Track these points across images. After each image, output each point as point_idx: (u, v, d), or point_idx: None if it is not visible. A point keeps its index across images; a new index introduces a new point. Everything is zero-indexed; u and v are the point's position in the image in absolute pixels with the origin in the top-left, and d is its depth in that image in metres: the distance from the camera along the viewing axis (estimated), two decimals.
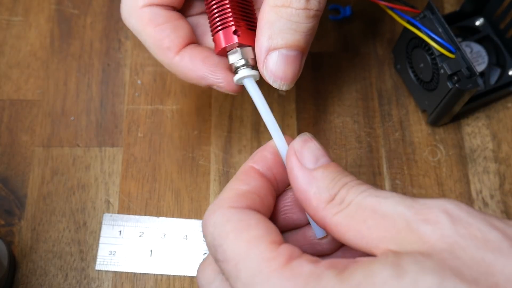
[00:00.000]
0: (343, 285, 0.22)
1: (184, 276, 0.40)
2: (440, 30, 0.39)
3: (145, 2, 0.32)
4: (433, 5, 0.39)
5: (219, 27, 0.32)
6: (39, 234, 0.41)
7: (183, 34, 0.32)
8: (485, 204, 0.42)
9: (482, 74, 0.44)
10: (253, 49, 0.32)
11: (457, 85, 0.38)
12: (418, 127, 0.45)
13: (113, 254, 0.40)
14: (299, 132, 0.44)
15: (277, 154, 0.29)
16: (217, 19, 0.32)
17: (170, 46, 0.32)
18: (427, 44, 0.40)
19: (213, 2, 0.32)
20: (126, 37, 0.47)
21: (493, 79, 0.45)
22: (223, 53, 0.32)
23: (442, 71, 0.39)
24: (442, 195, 0.43)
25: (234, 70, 0.32)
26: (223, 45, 0.31)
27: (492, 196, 0.42)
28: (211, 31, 0.33)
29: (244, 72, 0.31)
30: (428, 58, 0.40)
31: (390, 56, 0.47)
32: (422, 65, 0.42)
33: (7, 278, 0.38)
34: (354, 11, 0.48)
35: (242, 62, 0.31)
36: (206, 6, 0.33)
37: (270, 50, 0.30)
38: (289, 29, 0.29)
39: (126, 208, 0.42)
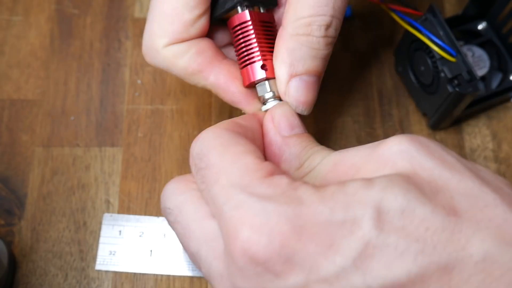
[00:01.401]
0: (317, 194, 0.24)
1: (184, 276, 0.40)
2: (441, 33, 0.39)
3: (165, 42, 0.32)
4: (435, 8, 0.39)
5: (247, 62, 0.32)
6: (39, 234, 0.41)
7: (210, 54, 0.33)
8: None
9: (483, 78, 0.44)
10: None
11: (457, 89, 0.38)
12: (418, 127, 0.45)
13: (113, 254, 0.40)
14: None
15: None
16: (244, 53, 0.32)
17: (200, 69, 0.33)
18: (428, 47, 0.39)
19: (240, 35, 0.33)
20: (126, 37, 0.47)
21: (495, 83, 0.44)
22: (252, 85, 0.33)
23: (442, 74, 0.39)
24: None
25: (262, 101, 0.33)
26: (251, 80, 0.33)
27: None
28: (238, 63, 0.33)
29: (272, 104, 0.32)
30: (429, 61, 0.40)
31: (391, 56, 0.47)
32: (423, 68, 0.42)
33: (7, 278, 0.38)
34: (354, 11, 0.48)
35: (271, 94, 0.33)
36: (232, 38, 0.33)
37: (291, 77, 0.31)
38: (309, 56, 0.31)
39: (126, 208, 0.42)
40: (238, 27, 0.33)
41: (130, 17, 0.48)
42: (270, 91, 0.32)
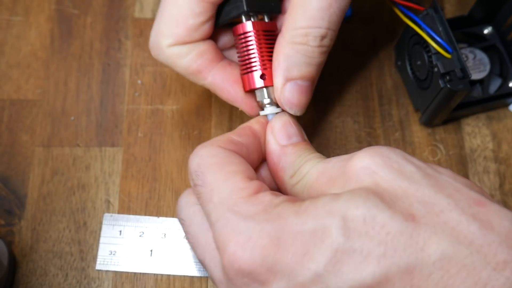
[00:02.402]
0: (293, 209, 0.27)
1: (184, 276, 0.40)
2: (440, 29, 0.39)
3: (169, 42, 0.34)
4: (438, 4, 0.39)
5: (247, 70, 0.34)
6: (39, 234, 0.41)
7: (209, 57, 0.35)
8: None
9: (481, 81, 0.44)
10: None
11: (448, 85, 0.39)
12: (418, 127, 0.45)
13: (114, 254, 0.40)
14: None
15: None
16: (246, 61, 0.34)
17: (199, 69, 0.35)
18: (425, 41, 0.40)
19: (242, 44, 0.34)
20: (126, 37, 0.47)
21: (493, 88, 0.44)
22: (251, 91, 0.35)
23: (436, 69, 0.39)
24: None
25: (260, 105, 0.35)
26: (250, 87, 0.35)
27: (492, 196, 0.42)
28: (240, 69, 0.35)
29: (269, 110, 0.35)
30: (425, 55, 0.41)
31: (391, 56, 0.47)
32: (419, 62, 0.42)
33: (7, 278, 0.38)
34: (354, 11, 0.48)
35: (268, 101, 0.35)
36: (235, 44, 0.35)
37: (287, 81, 0.33)
38: (304, 63, 0.33)
39: (126, 208, 0.42)
40: (241, 36, 0.34)
41: (130, 17, 0.48)
42: (268, 97, 0.35)
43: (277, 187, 0.34)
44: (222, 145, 0.31)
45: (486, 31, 0.46)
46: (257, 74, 0.34)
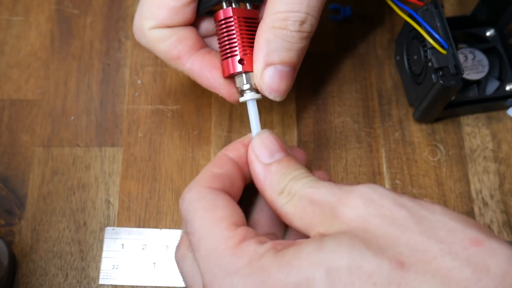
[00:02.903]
0: (276, 261, 0.26)
1: None
2: (438, 25, 0.40)
3: (151, 25, 0.34)
4: (438, 0, 0.40)
5: (227, 55, 0.34)
6: (39, 234, 0.41)
7: (190, 43, 0.35)
8: (485, 204, 0.42)
9: (478, 82, 0.44)
10: None
11: (441, 80, 0.39)
12: (418, 127, 0.45)
13: (116, 268, 0.40)
14: (299, 132, 0.44)
15: (247, 146, 0.33)
16: (226, 47, 0.34)
17: (179, 55, 0.35)
18: (422, 36, 0.40)
19: (223, 29, 0.34)
20: (126, 37, 0.47)
21: (490, 90, 0.45)
22: (231, 76, 0.35)
23: (430, 64, 0.40)
24: (442, 195, 0.43)
25: (239, 91, 0.35)
26: (229, 72, 0.34)
27: (492, 196, 0.42)
28: (220, 55, 0.35)
29: (248, 95, 0.34)
30: (421, 50, 0.41)
31: (391, 57, 0.47)
32: (416, 57, 0.42)
33: (7, 277, 0.38)
34: (354, 11, 0.48)
35: (247, 86, 0.34)
36: (216, 30, 0.35)
37: (266, 65, 0.33)
38: (284, 48, 0.33)
39: (126, 208, 0.42)
40: (222, 22, 0.34)
41: (130, 17, 0.48)
42: (247, 83, 0.34)
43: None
44: (207, 184, 0.31)
45: (488, 33, 0.46)
46: (236, 59, 0.34)
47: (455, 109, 0.44)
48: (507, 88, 0.44)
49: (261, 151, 0.32)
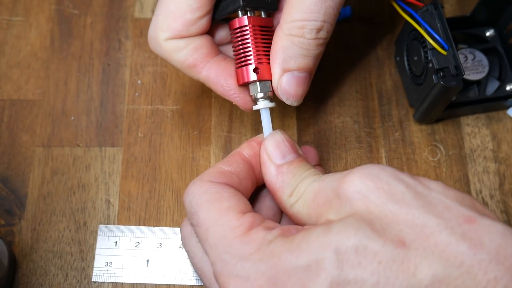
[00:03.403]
0: (286, 245, 0.27)
1: (182, 285, 0.40)
2: (439, 26, 0.39)
3: (166, 36, 0.35)
4: (438, 1, 0.40)
5: (242, 63, 0.35)
6: (39, 234, 0.41)
7: (205, 51, 0.35)
8: (485, 204, 0.42)
9: (478, 83, 0.44)
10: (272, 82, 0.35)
11: (441, 81, 0.39)
12: (418, 127, 0.45)
13: (110, 265, 0.40)
14: (299, 132, 0.44)
15: (261, 144, 0.34)
16: (241, 55, 0.35)
17: (195, 63, 0.35)
18: (423, 37, 0.40)
19: (238, 38, 0.34)
20: (126, 37, 0.48)
21: (490, 90, 0.45)
22: (245, 85, 0.35)
23: (430, 65, 0.40)
24: None
25: (253, 99, 0.36)
26: (244, 80, 0.35)
27: (492, 196, 0.42)
28: (235, 63, 0.35)
29: (262, 104, 0.35)
30: (421, 50, 0.41)
31: (391, 57, 0.47)
32: (416, 57, 0.42)
33: (7, 277, 0.38)
34: (354, 11, 0.48)
35: (261, 95, 0.35)
36: (231, 38, 0.35)
37: (284, 72, 0.34)
38: (301, 55, 0.34)
39: (126, 208, 0.42)
40: (237, 30, 0.34)
41: (130, 17, 0.48)
42: (261, 91, 0.35)
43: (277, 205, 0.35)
44: (212, 179, 0.32)
45: (488, 33, 0.46)
46: (251, 68, 0.34)
47: (455, 110, 0.44)
48: (508, 88, 0.44)
49: (274, 152, 0.33)
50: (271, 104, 0.35)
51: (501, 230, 0.26)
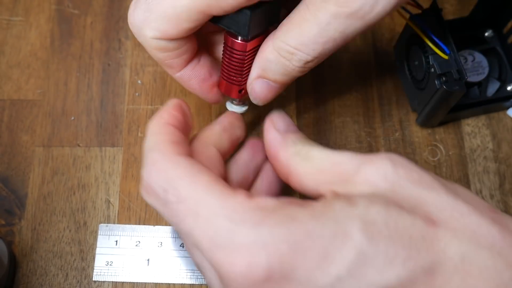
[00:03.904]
0: (307, 212, 0.26)
1: (182, 284, 0.40)
2: (438, 29, 0.39)
3: (155, 35, 0.32)
4: (437, 5, 0.39)
5: (229, 80, 0.35)
6: (40, 234, 0.41)
7: (186, 57, 0.34)
8: None
9: (479, 84, 0.44)
10: None
11: (444, 86, 0.39)
12: (418, 127, 0.45)
13: (110, 265, 0.40)
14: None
15: (177, 109, 0.33)
16: (231, 72, 0.34)
17: (173, 65, 0.35)
18: (423, 41, 0.40)
19: (231, 57, 0.33)
20: (126, 37, 0.48)
21: (491, 91, 0.44)
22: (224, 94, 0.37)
23: (432, 70, 0.39)
24: None
25: (230, 100, 0.37)
26: (225, 94, 0.36)
27: (492, 196, 0.43)
28: (222, 71, 0.35)
29: (236, 108, 0.37)
30: (422, 55, 0.41)
31: (391, 57, 0.47)
32: (416, 62, 0.42)
33: (7, 277, 0.38)
34: None
35: (236, 101, 0.37)
36: (224, 49, 0.34)
37: (259, 77, 0.33)
38: (280, 73, 0.33)
39: (127, 208, 0.42)
40: (234, 51, 0.33)
41: None
42: (238, 104, 0.37)
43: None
44: (175, 151, 0.29)
45: (487, 34, 0.46)
46: (237, 89, 0.35)
47: (457, 113, 0.44)
48: (508, 88, 0.44)
49: (279, 121, 0.33)
50: (244, 109, 0.37)
51: None
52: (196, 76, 0.35)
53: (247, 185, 0.35)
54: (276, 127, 0.32)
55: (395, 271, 0.24)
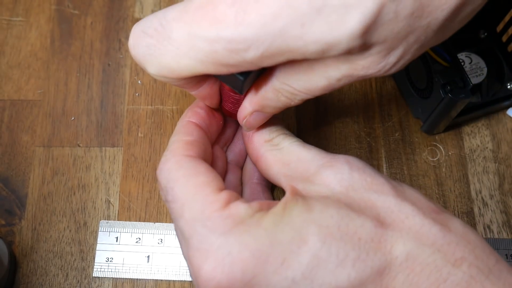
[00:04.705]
0: (270, 219, 0.28)
1: (183, 281, 0.40)
2: None
3: (155, 73, 0.30)
4: None
5: (229, 108, 0.35)
6: (40, 234, 0.41)
7: (196, 82, 0.32)
8: (485, 204, 0.42)
9: (479, 86, 0.44)
10: None
11: (449, 94, 0.38)
12: (418, 127, 0.45)
13: (110, 261, 0.40)
14: (300, 132, 0.44)
15: (206, 108, 0.35)
16: (234, 102, 0.34)
17: (183, 87, 0.32)
18: None
19: (228, 92, 0.33)
20: (126, 37, 0.48)
21: (491, 92, 0.44)
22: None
23: (436, 79, 0.39)
24: (442, 195, 0.43)
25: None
26: (232, 117, 0.36)
27: (491, 196, 0.43)
28: (223, 100, 0.35)
29: None
30: (424, 65, 0.40)
31: None
32: (417, 72, 0.42)
33: (7, 277, 0.38)
34: None
35: None
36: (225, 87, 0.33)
37: (255, 111, 0.34)
38: (276, 107, 0.33)
39: (127, 208, 0.42)
40: (232, 93, 0.33)
41: (130, 18, 0.48)
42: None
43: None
44: (184, 152, 0.31)
45: (481, 35, 0.45)
46: (235, 116, 0.35)
47: (461, 117, 0.43)
48: (508, 86, 0.44)
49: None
50: None
51: (460, 221, 0.29)
52: (211, 96, 0.34)
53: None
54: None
55: (346, 271, 0.26)
